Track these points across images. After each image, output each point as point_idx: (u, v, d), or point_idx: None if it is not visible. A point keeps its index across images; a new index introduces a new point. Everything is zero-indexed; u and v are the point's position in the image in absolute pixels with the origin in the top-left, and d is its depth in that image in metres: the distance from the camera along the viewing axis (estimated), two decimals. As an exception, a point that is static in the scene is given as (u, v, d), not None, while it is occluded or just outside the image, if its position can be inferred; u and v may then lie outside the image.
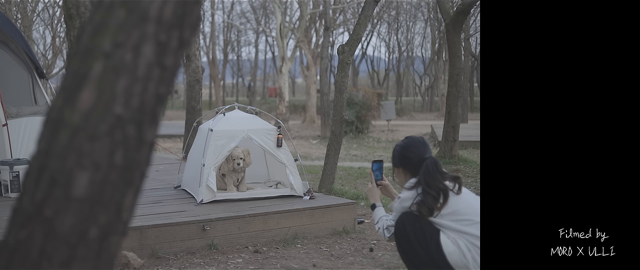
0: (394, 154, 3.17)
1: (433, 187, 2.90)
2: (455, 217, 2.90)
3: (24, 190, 1.31)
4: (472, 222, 2.88)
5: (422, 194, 2.92)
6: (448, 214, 2.91)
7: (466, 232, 2.87)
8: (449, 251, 2.88)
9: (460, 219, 2.90)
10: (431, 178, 2.92)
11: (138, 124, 1.30)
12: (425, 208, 2.91)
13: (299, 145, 13.05)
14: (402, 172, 3.11)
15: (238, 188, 5.24)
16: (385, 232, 3.14)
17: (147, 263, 4.01)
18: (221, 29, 35.21)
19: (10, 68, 6.23)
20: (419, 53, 36.61)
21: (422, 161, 2.99)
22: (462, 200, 2.94)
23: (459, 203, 2.93)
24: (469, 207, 2.92)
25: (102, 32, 1.28)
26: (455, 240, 2.88)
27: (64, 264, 1.27)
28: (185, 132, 9.47)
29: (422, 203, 2.91)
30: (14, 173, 5.31)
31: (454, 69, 9.35)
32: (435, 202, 2.89)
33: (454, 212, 2.91)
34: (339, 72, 6.56)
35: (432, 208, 2.90)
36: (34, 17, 15.90)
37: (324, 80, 17.54)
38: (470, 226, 2.88)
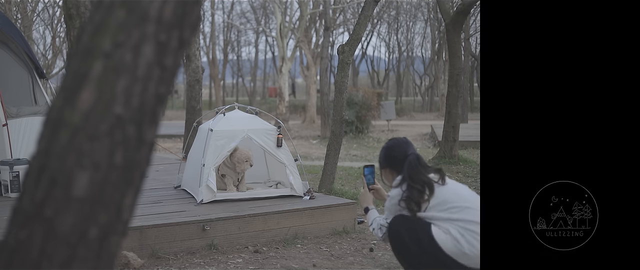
0: (380, 156, 3.28)
1: (417, 180, 2.99)
2: (444, 206, 2.97)
3: (24, 190, 1.31)
4: (461, 208, 2.94)
5: (407, 189, 3.00)
6: (436, 205, 2.97)
7: (456, 218, 2.92)
8: (442, 240, 2.92)
9: (449, 207, 2.96)
10: (415, 172, 3.01)
11: (138, 124, 1.30)
12: (412, 203, 2.99)
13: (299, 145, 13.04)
14: (389, 172, 3.21)
15: (238, 188, 5.23)
16: (378, 232, 3.20)
17: (147, 263, 4.01)
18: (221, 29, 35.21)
19: (10, 68, 6.23)
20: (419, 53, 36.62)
21: (406, 158, 3.08)
22: (447, 189, 3.01)
23: (445, 193, 3.00)
24: (455, 195, 3.00)
25: (102, 32, 1.28)
26: (447, 229, 2.93)
27: (64, 264, 1.27)
28: (185, 132, 9.47)
29: (409, 198, 2.99)
30: (14, 173, 5.31)
31: (454, 69, 9.35)
32: (422, 195, 2.97)
33: (441, 202, 2.97)
34: (339, 72, 6.56)
35: (419, 202, 2.98)
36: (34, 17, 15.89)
37: (324, 80, 17.54)
38: (459, 212, 2.93)
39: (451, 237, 2.91)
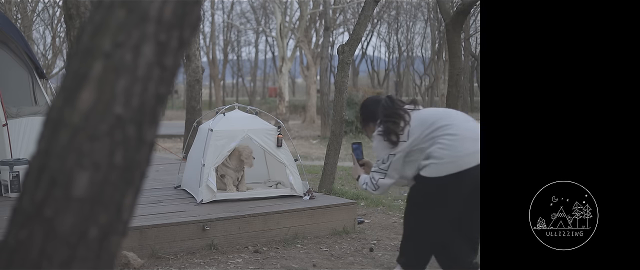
0: (360, 117, 3.42)
1: (391, 115, 3.09)
2: (423, 127, 3.04)
3: (24, 190, 1.31)
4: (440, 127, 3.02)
5: (382, 124, 3.11)
6: (415, 127, 3.05)
7: (437, 135, 3.01)
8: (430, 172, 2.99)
9: (430, 127, 3.03)
10: (388, 109, 3.12)
11: (138, 124, 1.29)
12: (391, 135, 3.06)
13: (299, 145, 13.04)
14: (371, 126, 3.28)
15: (238, 188, 5.23)
16: (368, 187, 3.25)
17: (147, 263, 4.01)
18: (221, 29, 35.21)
19: (10, 68, 6.23)
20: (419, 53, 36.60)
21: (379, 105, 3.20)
22: (425, 111, 3.17)
23: (423, 113, 3.13)
24: (433, 112, 3.16)
25: (102, 32, 1.28)
26: (428, 155, 3.00)
27: (64, 264, 1.27)
28: (185, 132, 9.47)
29: (386, 131, 3.08)
30: (14, 173, 5.31)
31: (454, 69, 9.34)
32: (397, 126, 3.07)
33: (420, 124, 3.06)
34: (339, 72, 6.56)
35: (396, 131, 3.06)
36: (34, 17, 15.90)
37: (324, 80, 17.54)
38: (439, 130, 3.02)
39: (434, 159, 2.98)
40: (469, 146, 2.96)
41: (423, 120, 3.08)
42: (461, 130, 3.02)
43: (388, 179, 3.15)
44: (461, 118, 3.14)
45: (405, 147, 3.06)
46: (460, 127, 3.03)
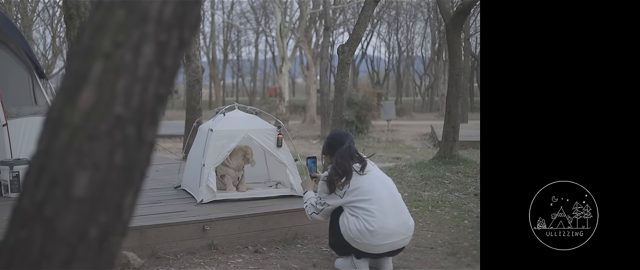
0: (323, 144, 3.89)
1: (340, 165, 3.59)
2: (356, 194, 3.54)
3: (24, 190, 1.31)
4: (368, 200, 3.50)
5: (330, 171, 3.61)
6: (351, 191, 3.55)
7: (362, 207, 3.50)
8: (344, 228, 3.55)
9: (361, 197, 3.52)
10: (342, 160, 3.61)
11: (138, 124, 1.29)
12: (331, 184, 3.58)
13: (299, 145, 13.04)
14: (329, 157, 3.80)
15: (238, 188, 5.23)
16: (308, 209, 3.85)
17: (147, 263, 4.01)
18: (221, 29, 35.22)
19: (10, 68, 6.23)
20: (419, 53, 36.63)
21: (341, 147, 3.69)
22: (364, 179, 3.59)
23: (361, 181, 3.57)
24: (370, 186, 3.55)
25: (102, 32, 1.28)
26: (349, 216, 3.54)
27: (64, 264, 1.27)
28: (185, 132, 9.47)
29: (329, 179, 3.60)
30: (14, 173, 5.31)
31: (454, 69, 9.35)
32: (338, 179, 3.57)
33: (355, 189, 3.55)
34: (339, 72, 6.56)
35: (333, 183, 3.58)
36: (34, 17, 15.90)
37: (324, 80, 17.54)
38: (366, 203, 3.50)
39: (355, 219, 3.51)
40: (390, 225, 3.47)
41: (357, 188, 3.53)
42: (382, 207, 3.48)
43: (320, 216, 3.79)
44: (386, 195, 3.56)
45: (338, 203, 3.61)
46: (382, 205, 3.49)
